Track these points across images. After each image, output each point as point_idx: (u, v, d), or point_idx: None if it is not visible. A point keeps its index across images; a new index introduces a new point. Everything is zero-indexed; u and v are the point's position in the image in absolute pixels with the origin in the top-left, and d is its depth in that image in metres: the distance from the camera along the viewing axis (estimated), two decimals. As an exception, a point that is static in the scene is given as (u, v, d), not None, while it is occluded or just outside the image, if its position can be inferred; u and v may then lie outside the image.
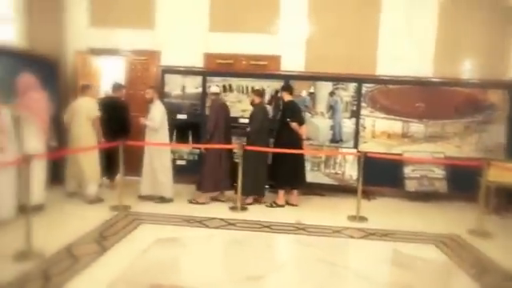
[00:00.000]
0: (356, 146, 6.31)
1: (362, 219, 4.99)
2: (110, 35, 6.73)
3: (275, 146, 5.54)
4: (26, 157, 3.53)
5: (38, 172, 4.66)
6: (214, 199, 5.64)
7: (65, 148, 5.52)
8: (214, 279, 3.28)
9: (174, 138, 6.41)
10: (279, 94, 6.03)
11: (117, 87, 6.18)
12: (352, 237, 4.43)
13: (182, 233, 4.36)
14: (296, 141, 5.46)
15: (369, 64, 6.56)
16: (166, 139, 5.59)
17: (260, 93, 5.76)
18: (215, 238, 4.23)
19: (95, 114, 5.39)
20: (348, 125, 6.38)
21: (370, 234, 4.49)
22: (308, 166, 6.27)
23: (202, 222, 4.68)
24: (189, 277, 3.41)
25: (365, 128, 6.37)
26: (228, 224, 4.68)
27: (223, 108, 5.64)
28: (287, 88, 5.71)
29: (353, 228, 4.69)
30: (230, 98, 6.45)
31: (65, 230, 4.23)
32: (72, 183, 5.56)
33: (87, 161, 5.34)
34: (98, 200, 5.34)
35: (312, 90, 6.44)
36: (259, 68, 6.74)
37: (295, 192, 5.65)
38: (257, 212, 5.20)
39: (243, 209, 5.28)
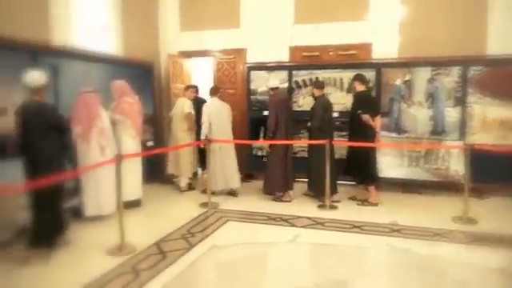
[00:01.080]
0: (462, 137, 5.56)
1: (470, 221, 4.35)
2: (199, 38, 6.96)
3: (349, 140, 5.23)
4: (118, 156, 3.74)
5: (135, 170, 5.00)
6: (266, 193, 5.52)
7: (161, 147, 5.93)
8: (297, 282, 3.10)
9: (261, 134, 6.37)
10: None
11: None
12: (456, 241, 3.87)
13: (267, 231, 4.28)
14: (369, 133, 5.02)
15: (476, 44, 5.72)
16: (220, 136, 5.49)
17: (320, 84, 5.45)
18: (301, 237, 4.03)
19: (187, 110, 5.82)
20: (452, 114, 5.64)
21: (478, 239, 3.88)
22: (405, 161, 5.74)
23: (288, 221, 4.54)
24: (272, 278, 3.28)
25: (473, 117, 5.57)
26: (316, 223, 4.46)
27: (283, 102, 5.43)
28: (359, 77, 5.24)
29: (458, 231, 4.12)
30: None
31: (156, 225, 4.44)
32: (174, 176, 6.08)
33: (182, 156, 5.85)
34: (189, 189, 5.96)
35: (407, 78, 5.85)
36: (348, 58, 6.35)
37: (373, 187, 5.24)
38: (347, 211, 4.89)
39: (332, 207, 5.00)
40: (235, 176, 5.65)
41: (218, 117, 5.59)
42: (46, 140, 3.49)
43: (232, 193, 5.66)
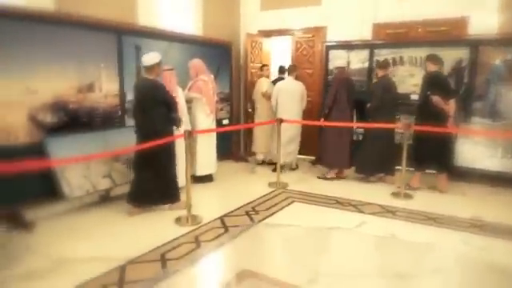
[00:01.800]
0: None
1: None
2: (279, 16, 6.84)
3: (416, 123, 4.86)
4: (188, 132, 3.89)
5: (210, 146, 5.20)
6: (338, 176, 5.56)
7: (236, 125, 6.14)
8: (356, 270, 2.98)
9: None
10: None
11: (281, 69, 6.48)
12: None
13: (332, 215, 4.15)
14: (439, 118, 4.61)
15: None
16: (286, 114, 5.51)
17: (382, 64, 5.22)
18: (367, 225, 3.84)
19: (262, 89, 6.14)
20: None
21: None
22: (499, 152, 5.11)
23: (356, 206, 4.36)
24: (329, 264, 3.19)
25: None
26: (386, 211, 4.22)
27: (346, 82, 5.42)
28: (432, 57, 4.87)
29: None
30: (400, 72, 5.79)
31: (224, 200, 4.61)
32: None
33: (257, 133, 6.29)
34: (262, 163, 6.30)
35: (510, 57, 5.15)
36: (439, 35, 5.76)
37: (443, 176, 4.89)
38: (423, 200, 4.55)
39: (407, 196, 4.68)
40: (294, 154, 5.98)
41: (287, 96, 5.73)
42: (152, 113, 3.87)
43: (293, 168, 6.02)
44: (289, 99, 5.70)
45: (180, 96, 4.77)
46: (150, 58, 3.94)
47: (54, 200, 3.86)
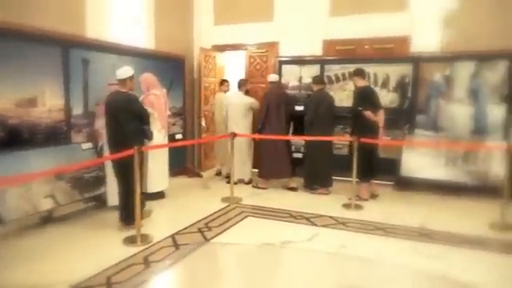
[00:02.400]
0: (507, 138, 5.12)
1: (509, 228, 4.00)
2: (232, 31, 6.89)
3: (351, 136, 5.13)
4: (138, 148, 3.77)
5: (161, 162, 5.07)
6: (285, 187, 5.70)
7: (190, 140, 6.10)
8: (307, 285, 2.99)
9: (291, 129, 6.23)
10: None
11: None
12: (495, 250, 3.55)
13: (285, 229, 4.16)
14: (372, 129, 4.91)
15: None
16: (235, 128, 5.67)
17: (316, 80, 5.52)
18: (319, 237, 3.89)
19: (222, 106, 6.18)
20: (496, 112, 5.24)
21: (515, 249, 3.56)
22: (441, 161, 5.39)
23: (309, 219, 4.41)
24: (280, 281, 3.19)
25: (519, 116, 5.12)
26: (337, 223, 4.30)
27: (278, 97, 5.61)
28: (359, 73, 5.16)
29: (496, 239, 3.80)
30: (348, 87, 5.98)
31: (177, 218, 4.46)
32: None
33: (215, 147, 6.54)
34: (219, 174, 6.56)
35: (448, 73, 5.49)
36: (385, 52, 6.04)
37: (373, 182, 5.25)
38: (373, 211, 4.68)
39: (358, 207, 4.81)
40: (247, 168, 6.01)
41: (235, 110, 5.89)
42: (126, 126, 3.90)
43: (246, 182, 6.00)
44: (236, 113, 5.88)
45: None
46: (123, 71, 4.01)
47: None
